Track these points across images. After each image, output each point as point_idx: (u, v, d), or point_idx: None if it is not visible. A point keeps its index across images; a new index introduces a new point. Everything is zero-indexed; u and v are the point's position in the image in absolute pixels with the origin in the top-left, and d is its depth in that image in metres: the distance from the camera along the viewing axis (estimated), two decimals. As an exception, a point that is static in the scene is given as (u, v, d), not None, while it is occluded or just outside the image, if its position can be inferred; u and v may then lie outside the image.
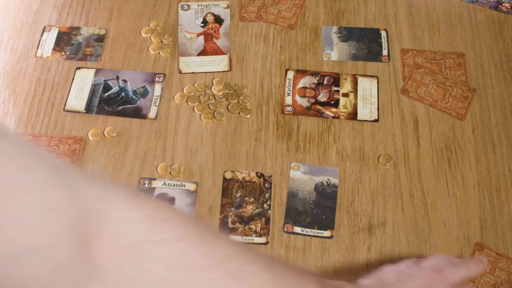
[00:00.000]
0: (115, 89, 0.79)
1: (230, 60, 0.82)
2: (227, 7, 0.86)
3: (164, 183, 0.72)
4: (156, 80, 0.79)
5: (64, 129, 0.76)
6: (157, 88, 0.79)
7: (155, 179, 0.73)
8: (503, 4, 0.85)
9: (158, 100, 0.78)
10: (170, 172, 0.73)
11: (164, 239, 0.43)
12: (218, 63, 0.82)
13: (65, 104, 0.78)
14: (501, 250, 0.69)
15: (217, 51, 0.82)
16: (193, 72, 0.81)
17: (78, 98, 0.78)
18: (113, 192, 0.42)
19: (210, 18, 0.85)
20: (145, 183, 0.72)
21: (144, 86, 0.79)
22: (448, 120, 0.77)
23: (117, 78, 0.79)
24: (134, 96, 0.78)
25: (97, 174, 0.69)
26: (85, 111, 0.77)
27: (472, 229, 0.70)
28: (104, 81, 0.79)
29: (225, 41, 0.83)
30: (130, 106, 0.78)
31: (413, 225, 0.70)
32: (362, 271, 0.68)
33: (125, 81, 0.79)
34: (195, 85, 0.79)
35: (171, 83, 0.80)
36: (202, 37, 0.84)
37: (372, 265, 0.68)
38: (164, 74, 0.80)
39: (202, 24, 0.85)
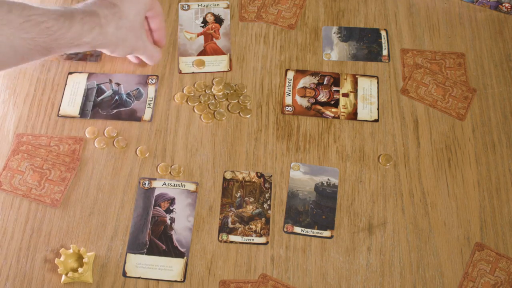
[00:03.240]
0: (108, 92, 0.79)
1: (230, 60, 0.82)
2: (227, 7, 0.86)
3: (164, 183, 0.72)
4: (149, 82, 0.79)
5: (64, 129, 0.76)
6: (151, 90, 0.79)
7: (155, 179, 0.73)
8: (503, 4, 0.85)
9: (152, 102, 0.78)
10: (170, 172, 0.73)
11: None
12: (218, 63, 0.82)
13: (59, 110, 0.77)
14: (501, 250, 0.69)
15: (217, 51, 0.82)
16: (193, 72, 0.81)
17: (71, 103, 0.78)
18: None
19: (210, 18, 0.85)
20: (145, 183, 0.72)
21: (138, 89, 0.79)
22: (448, 120, 0.77)
23: (110, 81, 0.79)
24: (128, 99, 0.78)
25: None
26: (79, 115, 0.77)
27: (472, 229, 0.70)
28: (97, 85, 0.79)
29: (225, 41, 0.83)
30: (124, 109, 0.78)
31: (413, 225, 0.70)
32: (362, 271, 0.68)
33: (118, 84, 0.79)
34: (195, 85, 0.79)
35: (171, 83, 0.80)
36: (202, 37, 0.84)
37: (372, 265, 0.68)
38: (157, 76, 0.80)
39: (202, 24, 0.85)
